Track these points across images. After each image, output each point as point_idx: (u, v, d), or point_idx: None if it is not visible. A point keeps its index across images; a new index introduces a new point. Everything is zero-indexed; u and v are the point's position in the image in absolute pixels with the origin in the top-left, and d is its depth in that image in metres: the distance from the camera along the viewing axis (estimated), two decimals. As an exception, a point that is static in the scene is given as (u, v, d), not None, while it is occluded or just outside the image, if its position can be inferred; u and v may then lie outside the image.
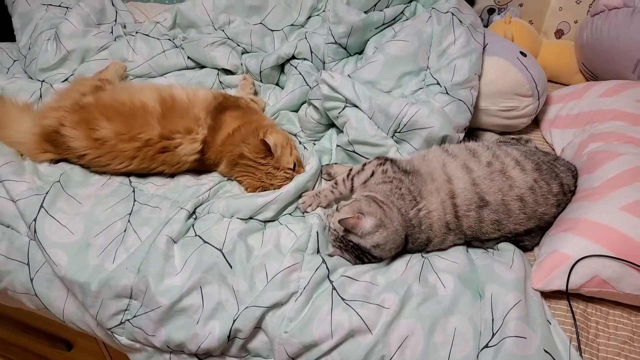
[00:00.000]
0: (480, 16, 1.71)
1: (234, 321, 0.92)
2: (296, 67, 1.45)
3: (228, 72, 1.56)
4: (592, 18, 1.47)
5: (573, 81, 1.61)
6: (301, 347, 0.89)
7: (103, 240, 1.03)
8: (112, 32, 1.61)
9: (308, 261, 0.98)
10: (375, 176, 1.09)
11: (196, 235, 1.04)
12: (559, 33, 1.71)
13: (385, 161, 1.10)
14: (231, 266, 0.98)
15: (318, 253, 1.01)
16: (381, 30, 1.40)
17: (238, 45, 1.55)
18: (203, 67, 1.58)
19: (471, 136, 1.33)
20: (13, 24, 1.61)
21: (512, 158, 1.07)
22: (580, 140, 1.22)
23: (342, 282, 0.95)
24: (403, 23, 1.37)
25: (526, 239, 1.06)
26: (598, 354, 0.90)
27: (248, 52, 1.57)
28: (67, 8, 1.61)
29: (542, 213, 1.03)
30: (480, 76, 1.29)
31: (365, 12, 1.36)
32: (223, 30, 1.56)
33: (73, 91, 1.26)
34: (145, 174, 1.21)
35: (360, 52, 1.44)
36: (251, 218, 1.10)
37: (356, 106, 1.21)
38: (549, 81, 1.54)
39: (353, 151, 1.22)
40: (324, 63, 1.45)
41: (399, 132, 1.19)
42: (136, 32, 1.58)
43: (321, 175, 1.23)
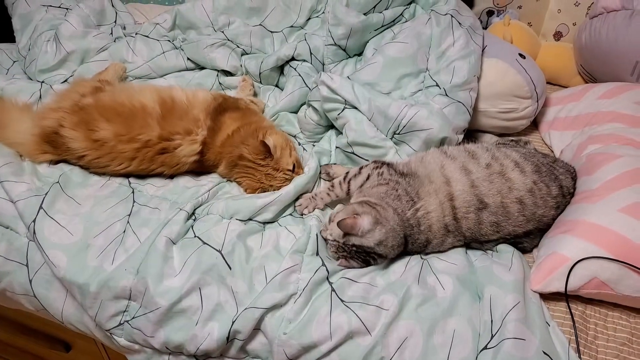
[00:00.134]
0: (479, 18, 1.72)
1: (233, 322, 0.92)
2: (295, 69, 1.45)
3: (227, 74, 1.56)
4: (591, 20, 1.48)
5: (572, 83, 1.61)
6: (300, 349, 0.89)
7: (102, 241, 1.03)
8: (112, 34, 1.61)
9: (307, 263, 0.98)
10: (371, 179, 1.08)
11: (195, 236, 1.04)
12: (558, 35, 1.72)
13: (382, 165, 1.10)
14: (230, 267, 0.98)
15: (317, 255, 1.00)
16: (380, 32, 1.40)
17: (238, 46, 1.56)
18: (203, 69, 1.58)
19: (470, 138, 1.34)
20: (13, 25, 1.61)
21: (511, 160, 1.07)
22: (579, 142, 1.22)
23: (342, 284, 0.95)
24: (402, 25, 1.37)
25: (525, 241, 1.06)
26: (597, 356, 0.90)
27: (248, 54, 1.58)
28: (67, 9, 1.61)
29: (541, 215, 1.04)
30: (479, 78, 1.30)
31: (364, 14, 1.37)
32: (223, 31, 1.57)
33: (72, 92, 1.26)
34: (144, 175, 1.21)
35: (359, 54, 1.44)
36: (250, 219, 1.10)
37: (355, 108, 1.21)
38: (548, 83, 1.54)
39: (352, 152, 1.22)
40: (324, 64, 1.45)
41: (398, 134, 1.19)
42: (136, 34, 1.58)
43: (320, 175, 1.24)
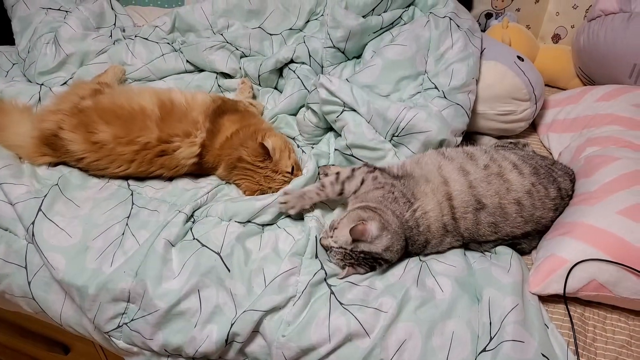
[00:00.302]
0: (477, 21, 1.72)
1: (232, 325, 0.92)
2: (294, 71, 1.45)
3: (227, 76, 1.56)
4: (589, 23, 1.48)
5: (570, 85, 1.61)
6: (299, 351, 0.89)
7: (101, 243, 1.03)
8: (111, 36, 1.61)
9: (306, 265, 0.98)
10: (365, 184, 1.08)
11: (194, 238, 1.04)
12: (556, 38, 1.72)
13: (374, 169, 1.10)
14: (229, 270, 0.98)
15: (317, 257, 1.00)
16: (379, 34, 1.40)
17: (237, 49, 1.56)
18: (202, 71, 1.58)
19: (469, 140, 1.34)
20: (12, 28, 1.62)
21: (510, 162, 1.08)
22: (577, 144, 1.23)
23: (342, 287, 0.95)
24: (401, 27, 1.37)
25: (523, 242, 1.06)
26: (596, 358, 0.90)
27: (247, 56, 1.58)
28: (67, 12, 1.62)
29: (540, 217, 1.04)
30: (477, 80, 1.30)
31: (363, 17, 1.37)
32: (222, 34, 1.57)
33: (72, 95, 1.26)
34: (143, 178, 1.21)
35: (358, 56, 1.44)
36: (249, 221, 1.10)
37: (354, 110, 1.21)
38: (546, 85, 1.55)
39: (351, 155, 1.22)
40: (322, 67, 1.45)
41: (397, 136, 1.19)
42: (135, 36, 1.59)
43: (319, 177, 1.23)
